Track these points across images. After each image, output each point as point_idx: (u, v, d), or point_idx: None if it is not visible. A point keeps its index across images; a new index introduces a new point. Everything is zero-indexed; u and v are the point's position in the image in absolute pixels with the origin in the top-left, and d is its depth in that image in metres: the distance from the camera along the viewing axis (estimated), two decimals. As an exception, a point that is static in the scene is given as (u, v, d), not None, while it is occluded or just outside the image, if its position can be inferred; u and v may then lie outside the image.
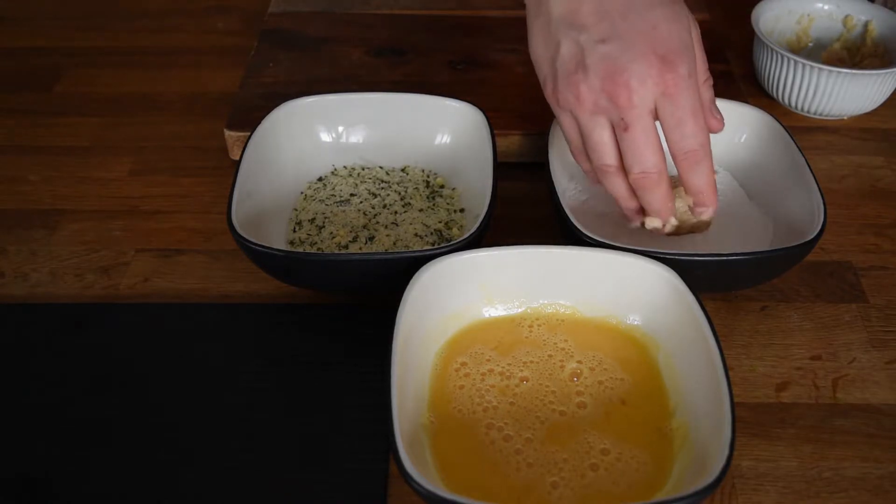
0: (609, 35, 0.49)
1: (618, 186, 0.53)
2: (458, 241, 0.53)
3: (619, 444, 0.47)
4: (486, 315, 0.54)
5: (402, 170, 0.67)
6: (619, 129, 0.50)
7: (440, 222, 0.62)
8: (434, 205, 0.63)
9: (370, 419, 0.51)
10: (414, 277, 0.50)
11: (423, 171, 0.67)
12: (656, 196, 0.51)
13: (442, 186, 0.65)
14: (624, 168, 0.52)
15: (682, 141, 0.50)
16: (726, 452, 0.41)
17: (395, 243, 0.60)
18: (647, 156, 0.50)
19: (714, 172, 0.52)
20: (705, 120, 0.51)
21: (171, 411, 0.51)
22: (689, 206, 0.55)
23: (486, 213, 0.55)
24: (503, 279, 0.53)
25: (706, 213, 0.54)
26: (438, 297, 0.51)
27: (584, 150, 0.53)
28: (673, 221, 0.54)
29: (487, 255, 0.52)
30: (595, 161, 0.53)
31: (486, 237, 0.55)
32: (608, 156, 0.52)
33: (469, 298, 0.53)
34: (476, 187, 0.61)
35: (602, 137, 0.51)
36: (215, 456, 0.49)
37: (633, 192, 0.53)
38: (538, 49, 0.53)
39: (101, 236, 0.64)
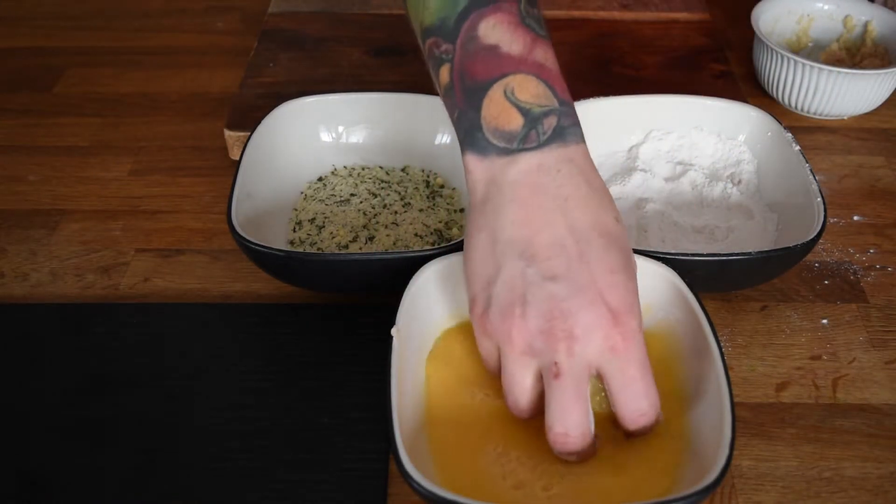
0: (560, 274, 0.42)
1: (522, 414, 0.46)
2: (458, 240, 0.53)
3: (619, 443, 0.47)
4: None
5: (402, 170, 0.67)
6: (548, 376, 0.42)
7: (440, 222, 0.62)
8: (434, 205, 0.63)
9: (370, 419, 0.51)
10: (414, 277, 0.50)
11: (423, 171, 0.66)
12: (572, 458, 0.45)
13: (442, 186, 0.65)
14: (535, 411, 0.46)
15: (634, 401, 0.44)
16: (726, 452, 0.41)
17: (395, 243, 0.60)
18: (573, 414, 0.43)
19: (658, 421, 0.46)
20: None
21: (171, 411, 0.51)
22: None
23: None
24: None
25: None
26: (438, 297, 0.51)
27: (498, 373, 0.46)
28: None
29: None
30: (508, 399, 0.46)
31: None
32: (524, 401, 0.45)
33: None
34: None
35: (524, 381, 0.44)
36: (215, 456, 0.49)
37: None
38: (475, 264, 0.45)
39: (101, 236, 0.64)
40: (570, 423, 0.43)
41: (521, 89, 0.44)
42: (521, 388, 0.44)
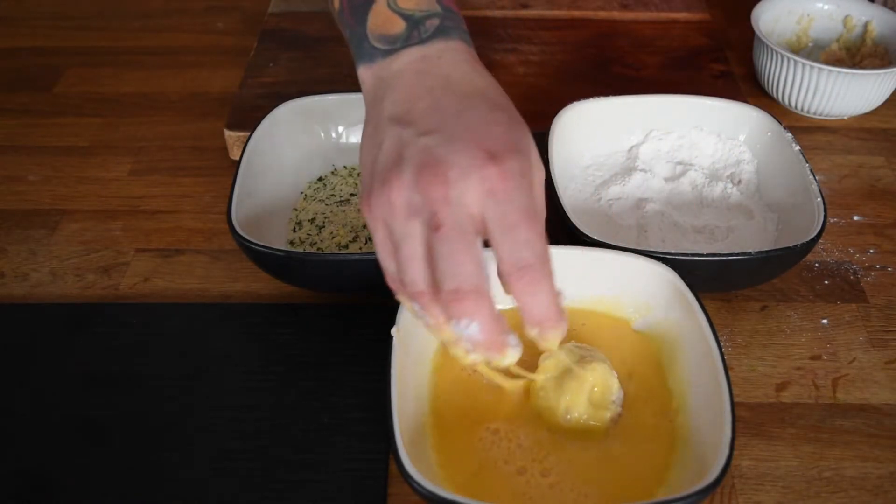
0: (434, 127, 0.40)
1: (436, 319, 0.40)
2: None
3: (620, 443, 0.47)
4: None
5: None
6: (430, 232, 0.38)
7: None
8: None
9: (370, 419, 0.51)
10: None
11: (423, 171, 0.66)
12: (474, 324, 0.38)
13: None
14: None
15: (514, 251, 0.38)
16: (726, 452, 0.41)
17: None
18: (462, 264, 0.38)
19: (556, 291, 0.39)
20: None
21: (171, 411, 0.51)
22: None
23: None
24: None
25: (552, 336, 0.40)
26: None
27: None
28: (511, 357, 0.40)
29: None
30: (406, 286, 0.40)
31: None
32: (418, 275, 0.39)
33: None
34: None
35: (413, 250, 0.39)
36: (215, 456, 0.49)
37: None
38: (363, 155, 0.43)
39: (101, 236, 0.64)
40: (461, 275, 0.38)
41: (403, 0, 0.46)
42: (411, 258, 0.39)
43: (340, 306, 0.58)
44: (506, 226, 0.38)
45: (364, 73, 0.46)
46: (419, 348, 0.50)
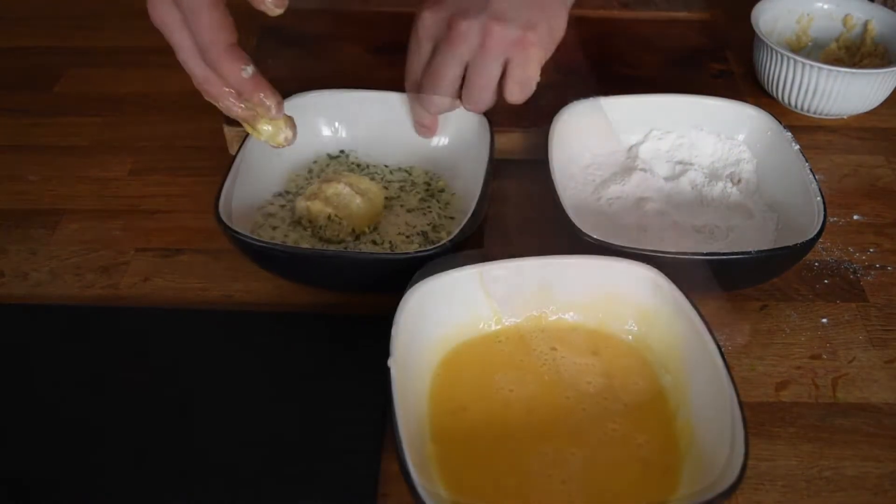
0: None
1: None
2: (449, 238, 0.53)
3: (623, 448, 0.47)
4: (484, 322, 0.53)
5: (404, 169, 0.67)
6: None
7: (428, 225, 0.61)
8: (427, 207, 0.63)
9: (366, 420, 0.50)
10: (411, 281, 0.49)
11: (426, 172, 0.66)
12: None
13: (442, 190, 0.65)
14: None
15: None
16: (741, 452, 0.41)
17: (382, 243, 0.60)
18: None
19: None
20: None
21: (171, 411, 0.51)
22: None
23: (474, 212, 0.55)
24: (500, 290, 0.52)
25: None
26: (437, 303, 0.50)
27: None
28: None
29: (485, 267, 0.51)
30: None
31: (485, 235, 0.55)
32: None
33: (466, 305, 0.52)
34: (476, 188, 0.61)
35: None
36: (214, 456, 0.49)
37: None
38: None
39: (101, 236, 0.64)
40: None
41: None
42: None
43: (340, 307, 0.57)
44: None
45: None
46: (419, 355, 0.49)
